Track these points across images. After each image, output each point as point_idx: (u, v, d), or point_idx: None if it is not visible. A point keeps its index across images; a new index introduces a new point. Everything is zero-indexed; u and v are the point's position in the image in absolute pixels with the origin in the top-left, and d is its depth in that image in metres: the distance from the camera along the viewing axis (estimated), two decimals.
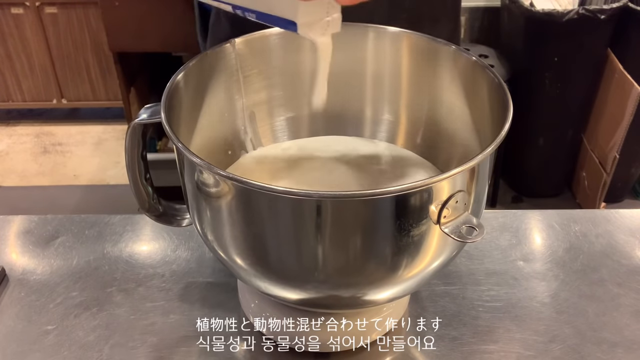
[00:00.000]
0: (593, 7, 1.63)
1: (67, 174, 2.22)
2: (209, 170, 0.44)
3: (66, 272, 0.66)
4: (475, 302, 0.63)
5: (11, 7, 2.11)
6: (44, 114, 2.49)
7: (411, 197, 0.43)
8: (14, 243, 0.71)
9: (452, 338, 0.60)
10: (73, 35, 2.17)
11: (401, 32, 0.62)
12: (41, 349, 0.58)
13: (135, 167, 0.57)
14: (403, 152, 0.66)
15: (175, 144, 0.46)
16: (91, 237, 0.71)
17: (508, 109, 0.49)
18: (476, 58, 0.57)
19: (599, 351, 0.58)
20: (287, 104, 0.67)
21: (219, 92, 0.61)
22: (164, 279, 0.66)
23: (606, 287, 0.65)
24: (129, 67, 2.06)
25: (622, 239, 0.72)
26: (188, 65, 0.56)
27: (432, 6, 0.79)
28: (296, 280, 0.49)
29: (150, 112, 0.53)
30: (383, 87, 0.66)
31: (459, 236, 0.44)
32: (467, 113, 0.60)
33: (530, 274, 0.67)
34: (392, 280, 0.49)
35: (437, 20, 0.79)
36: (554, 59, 1.74)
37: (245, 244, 0.49)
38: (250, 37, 0.61)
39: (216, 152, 0.63)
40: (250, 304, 0.60)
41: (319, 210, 0.43)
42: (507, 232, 0.73)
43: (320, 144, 0.68)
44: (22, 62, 2.23)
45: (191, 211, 0.53)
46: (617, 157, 1.70)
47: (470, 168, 0.44)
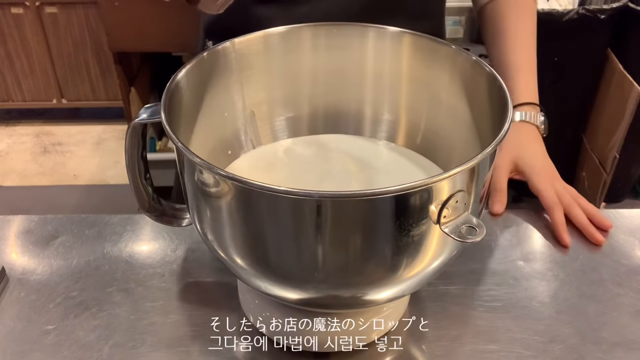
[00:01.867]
0: (593, 7, 1.63)
1: (67, 174, 2.22)
2: (209, 170, 0.44)
3: (66, 272, 0.66)
4: (475, 302, 0.63)
5: (11, 7, 2.11)
6: (44, 114, 2.49)
7: (411, 197, 0.43)
8: (14, 243, 0.71)
9: (452, 338, 0.59)
10: (73, 35, 2.17)
11: (401, 32, 0.62)
12: (41, 349, 0.58)
13: (135, 167, 0.57)
14: (403, 150, 0.66)
15: (175, 144, 0.46)
16: (91, 237, 0.71)
17: (508, 109, 0.49)
18: (476, 58, 0.57)
19: (599, 351, 0.58)
20: (287, 104, 0.67)
21: (219, 92, 0.61)
22: (164, 279, 0.66)
23: (606, 287, 0.65)
24: (129, 67, 2.06)
25: (622, 239, 0.72)
26: (188, 65, 0.56)
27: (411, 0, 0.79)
28: (296, 280, 0.49)
29: (150, 112, 0.53)
30: (383, 86, 0.66)
31: (459, 236, 0.44)
32: (467, 113, 0.60)
33: (530, 274, 0.67)
34: (392, 280, 0.49)
35: (416, 16, 0.78)
36: (554, 59, 1.73)
37: (245, 244, 0.49)
38: (250, 37, 0.61)
39: (216, 152, 0.63)
40: (250, 304, 0.60)
41: (319, 210, 0.43)
42: (507, 232, 0.73)
43: (320, 143, 0.68)
44: (22, 62, 2.23)
45: (191, 211, 0.53)
46: (617, 157, 1.70)
47: (470, 168, 0.44)
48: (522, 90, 0.78)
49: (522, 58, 0.80)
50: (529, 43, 0.81)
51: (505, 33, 0.81)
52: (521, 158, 0.75)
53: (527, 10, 0.83)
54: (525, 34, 0.81)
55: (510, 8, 0.82)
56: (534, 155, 0.75)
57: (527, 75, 0.79)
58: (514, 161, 0.75)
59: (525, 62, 0.80)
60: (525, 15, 0.82)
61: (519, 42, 0.81)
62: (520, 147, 0.75)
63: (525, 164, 0.75)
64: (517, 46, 0.80)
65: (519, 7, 0.82)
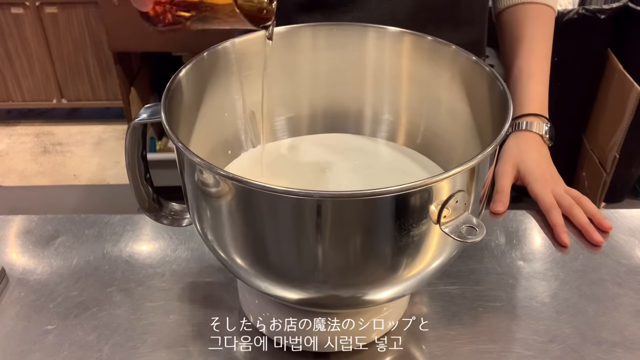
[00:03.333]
0: (593, 7, 1.63)
1: (67, 174, 2.22)
2: (209, 170, 0.44)
3: (66, 272, 0.66)
4: (475, 302, 0.63)
5: (11, 7, 2.11)
6: (44, 114, 2.49)
7: (411, 197, 0.43)
8: (14, 243, 0.71)
9: (452, 338, 0.59)
10: (73, 35, 2.17)
11: (401, 32, 0.62)
12: (41, 349, 0.58)
13: (135, 167, 0.57)
14: (404, 149, 0.66)
15: (175, 144, 0.46)
16: (91, 237, 0.71)
17: (508, 109, 0.49)
18: (476, 58, 0.57)
19: (599, 351, 0.58)
20: (287, 104, 0.67)
21: (219, 92, 0.61)
22: (164, 279, 0.66)
23: (606, 287, 0.65)
24: (129, 67, 2.06)
25: (622, 239, 0.72)
26: (188, 64, 0.56)
27: (457, 8, 0.79)
28: (296, 280, 0.49)
29: (150, 111, 0.54)
30: (383, 87, 0.66)
31: (459, 236, 0.44)
32: (467, 113, 0.60)
33: (530, 274, 0.67)
34: (392, 280, 0.49)
35: (461, 24, 0.79)
36: (554, 59, 1.73)
37: (245, 244, 0.49)
38: (250, 37, 0.61)
39: (216, 152, 0.63)
40: (250, 304, 0.60)
41: (319, 210, 0.43)
42: (507, 232, 0.73)
43: (321, 141, 0.68)
44: (22, 62, 2.23)
45: (191, 211, 0.53)
46: (617, 157, 1.70)
47: (470, 168, 0.44)
48: (531, 100, 0.79)
49: (535, 66, 0.81)
50: (543, 51, 0.82)
51: (521, 39, 0.82)
52: (522, 165, 0.76)
53: (545, 18, 0.83)
54: (541, 42, 0.82)
55: (528, 15, 0.83)
56: (534, 162, 0.76)
57: (538, 84, 0.80)
58: (516, 167, 0.76)
59: (538, 70, 0.81)
60: (543, 23, 0.83)
61: (534, 50, 0.81)
62: (522, 154, 0.77)
63: (526, 171, 0.76)
64: (531, 54, 0.81)
65: (537, 15, 0.83)
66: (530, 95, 0.79)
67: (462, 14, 0.80)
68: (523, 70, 0.80)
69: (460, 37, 0.61)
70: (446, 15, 0.78)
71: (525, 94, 0.79)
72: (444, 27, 0.67)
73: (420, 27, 0.62)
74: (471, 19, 0.82)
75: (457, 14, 0.80)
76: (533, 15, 0.83)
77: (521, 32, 0.82)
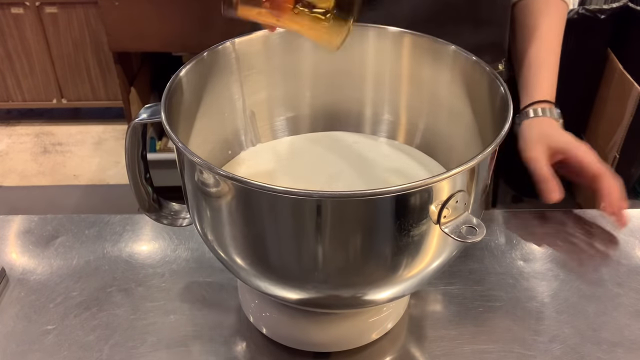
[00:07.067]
0: (593, 7, 1.63)
1: (67, 174, 2.22)
2: (209, 170, 0.44)
3: (66, 272, 0.66)
4: (475, 302, 0.63)
5: (11, 7, 2.11)
6: (44, 114, 2.49)
7: (411, 197, 0.43)
8: (14, 243, 0.71)
9: (452, 338, 0.59)
10: (73, 35, 2.17)
11: (401, 32, 0.62)
12: (41, 349, 0.58)
13: (135, 167, 0.57)
14: (405, 147, 0.66)
15: (175, 144, 0.46)
16: (91, 237, 0.71)
17: (508, 109, 0.49)
18: (476, 58, 0.57)
19: (599, 351, 0.58)
20: (287, 104, 0.67)
21: (219, 92, 0.61)
22: (164, 279, 0.66)
23: (606, 287, 0.65)
24: (129, 67, 2.06)
25: (622, 239, 0.72)
26: (188, 64, 0.56)
27: (477, 7, 0.79)
28: (296, 280, 0.49)
29: (150, 112, 0.54)
30: (383, 87, 0.66)
31: (459, 236, 0.44)
32: (467, 113, 0.60)
33: (530, 274, 0.67)
34: (392, 280, 0.49)
35: (483, 24, 0.79)
36: None
37: (245, 244, 0.49)
38: (250, 37, 0.61)
39: (216, 152, 0.63)
40: (250, 304, 0.60)
41: (319, 210, 0.43)
42: (507, 232, 0.73)
43: (320, 140, 0.68)
44: (22, 62, 2.23)
45: (191, 211, 0.53)
46: (617, 157, 1.70)
47: (470, 168, 0.44)
48: (543, 87, 0.79)
49: (546, 55, 0.81)
50: (554, 42, 0.82)
51: (533, 29, 0.82)
52: (554, 141, 0.74)
53: (557, 9, 0.84)
54: (554, 34, 0.83)
55: (541, 6, 0.83)
56: (567, 136, 0.75)
57: (548, 73, 0.81)
58: (548, 147, 0.74)
59: (549, 59, 0.81)
60: (557, 17, 0.84)
61: (545, 40, 0.82)
62: (549, 134, 0.75)
63: (561, 142, 0.74)
64: (543, 43, 0.82)
65: (552, 8, 0.84)
66: (542, 83, 0.80)
67: (483, 14, 0.80)
68: (533, 60, 0.81)
69: (480, 37, 0.61)
70: (466, 14, 0.78)
71: (537, 83, 0.80)
72: (464, 27, 0.67)
73: (439, 27, 0.62)
74: (492, 20, 0.82)
75: (478, 13, 0.79)
76: (548, 8, 0.84)
77: (533, 22, 0.83)
